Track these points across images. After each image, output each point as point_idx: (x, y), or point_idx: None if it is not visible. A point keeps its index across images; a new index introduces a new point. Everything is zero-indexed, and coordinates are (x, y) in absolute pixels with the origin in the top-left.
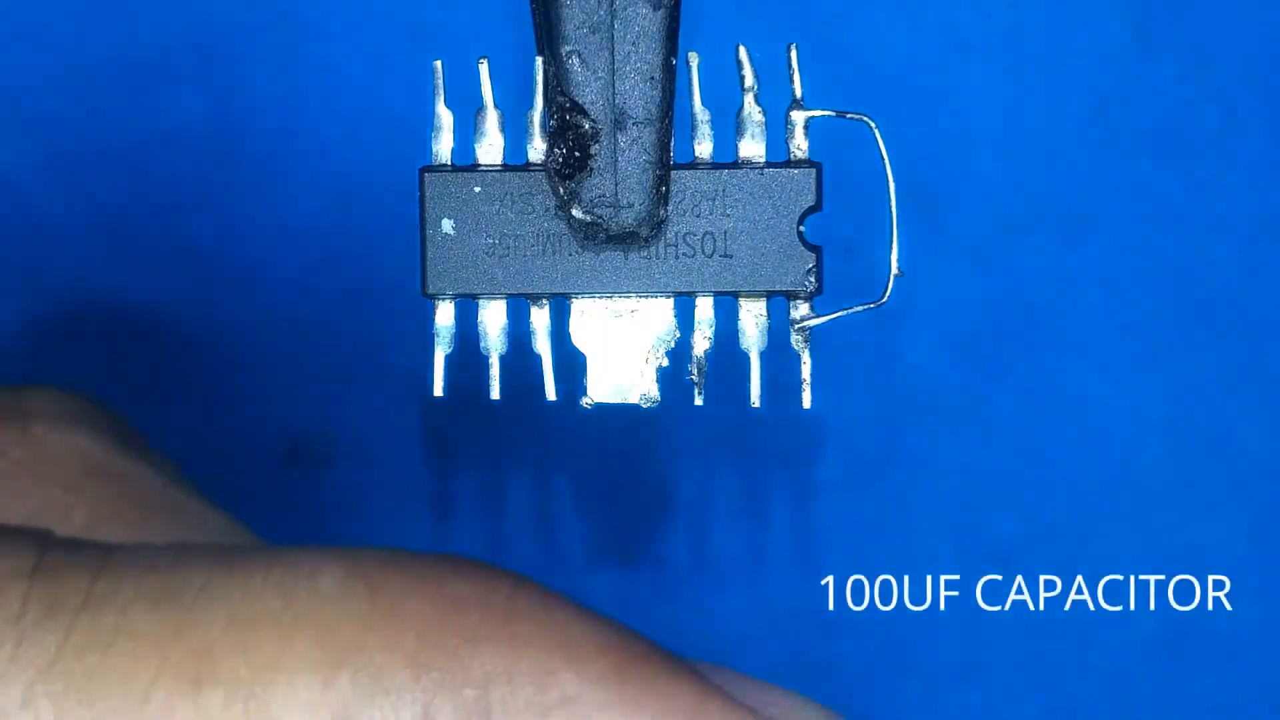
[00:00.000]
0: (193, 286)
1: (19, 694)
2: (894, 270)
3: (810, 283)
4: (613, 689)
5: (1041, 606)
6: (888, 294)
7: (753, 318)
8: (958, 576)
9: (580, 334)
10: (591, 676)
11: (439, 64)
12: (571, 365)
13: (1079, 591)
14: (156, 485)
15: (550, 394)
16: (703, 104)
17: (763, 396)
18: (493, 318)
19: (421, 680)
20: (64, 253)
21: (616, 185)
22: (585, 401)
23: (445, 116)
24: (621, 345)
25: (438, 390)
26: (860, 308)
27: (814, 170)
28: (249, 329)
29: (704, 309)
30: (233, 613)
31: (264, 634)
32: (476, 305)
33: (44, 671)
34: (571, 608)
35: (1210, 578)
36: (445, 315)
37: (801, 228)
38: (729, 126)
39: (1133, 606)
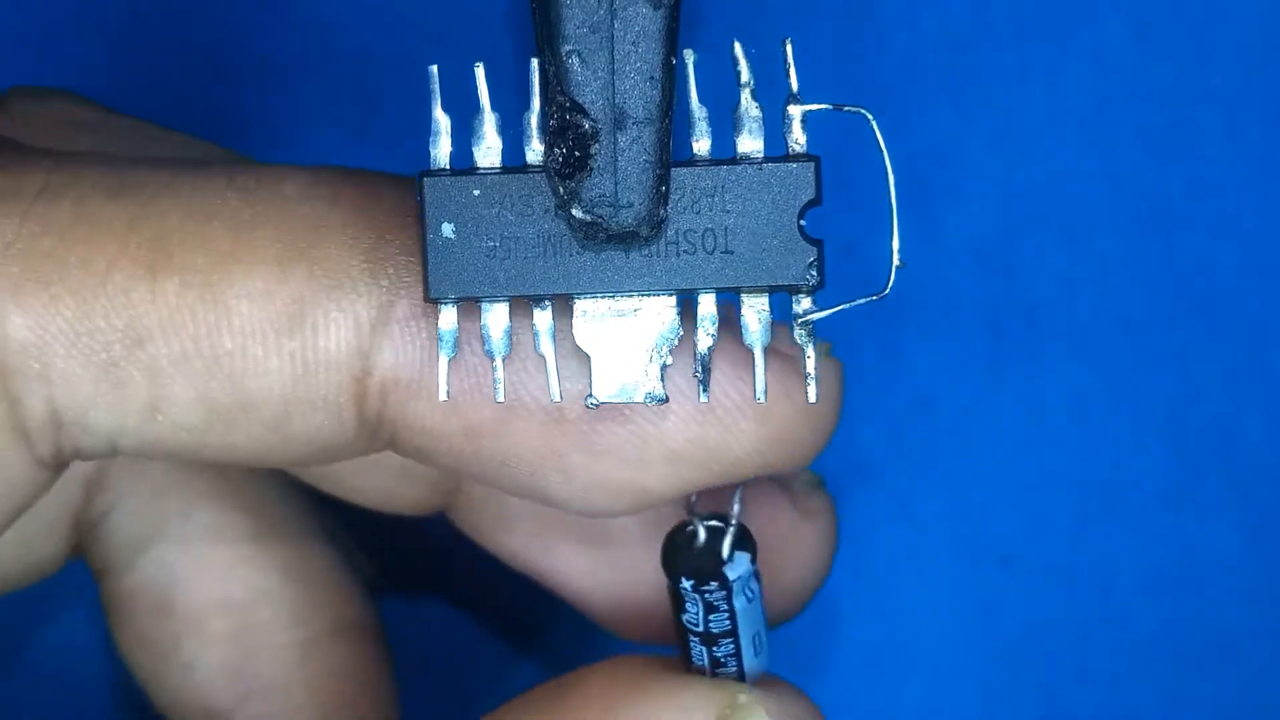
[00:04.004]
0: None
1: None
2: (895, 262)
3: (812, 276)
4: None
5: (1042, 606)
6: (889, 285)
7: (755, 313)
8: (958, 577)
9: (583, 334)
10: None
11: (435, 69)
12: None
13: (1079, 591)
14: (150, 131)
15: (555, 395)
16: (700, 101)
17: (766, 392)
18: (496, 320)
19: (378, 277)
20: None
21: (616, 185)
22: (590, 402)
23: (443, 121)
24: (625, 344)
25: (442, 394)
26: (863, 300)
27: (812, 164)
28: None
29: (706, 306)
30: (191, 208)
31: (222, 228)
32: (479, 308)
33: (0, 254)
34: None
35: (1210, 578)
36: (448, 319)
37: (802, 222)
38: (726, 123)
39: (1133, 607)
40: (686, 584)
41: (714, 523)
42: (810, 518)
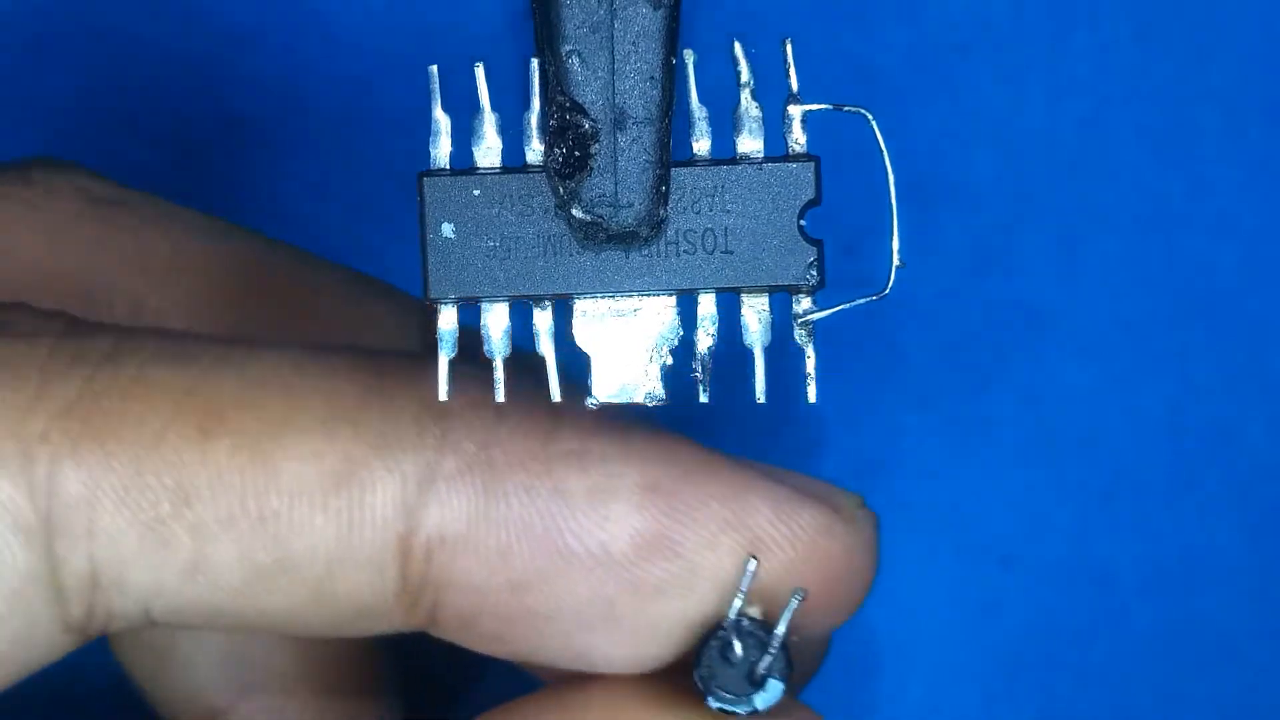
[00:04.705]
0: None
1: (39, 429)
2: (895, 261)
3: (812, 276)
4: (613, 445)
5: (1042, 607)
6: (890, 285)
7: (755, 313)
8: (958, 577)
9: (583, 334)
10: (592, 434)
11: (434, 69)
12: (577, 365)
13: (1080, 592)
14: (163, 208)
15: (555, 395)
16: (700, 101)
17: (767, 392)
18: (496, 321)
19: (425, 437)
20: None
21: (616, 185)
22: (590, 402)
23: (443, 121)
24: (625, 344)
25: (443, 395)
26: (863, 300)
27: (812, 164)
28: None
29: (706, 306)
30: (245, 375)
31: (273, 393)
32: (479, 309)
33: (64, 412)
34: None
35: (1210, 578)
36: (448, 320)
37: (802, 222)
38: (726, 123)
39: (1133, 607)
40: (711, 702)
41: (754, 629)
42: (853, 524)
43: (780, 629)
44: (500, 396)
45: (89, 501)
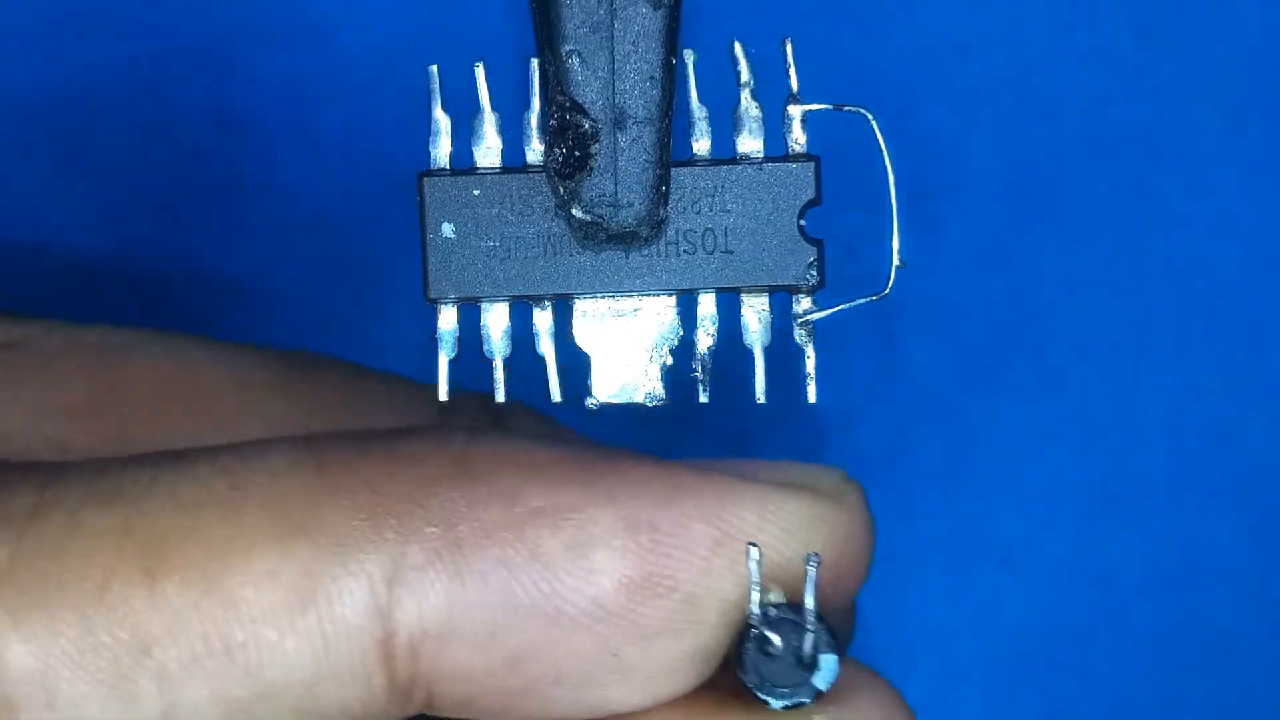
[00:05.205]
0: (192, 292)
1: None
2: (895, 262)
3: (812, 276)
4: (580, 491)
5: (1042, 607)
6: (890, 285)
7: (755, 313)
8: (958, 576)
9: (583, 334)
10: (556, 485)
11: (434, 69)
12: (576, 366)
13: (1080, 592)
14: (69, 336)
15: (555, 395)
16: (700, 101)
17: (767, 392)
18: (496, 321)
19: (382, 531)
20: (61, 257)
21: (616, 185)
22: (590, 402)
23: (443, 121)
24: (625, 345)
25: (442, 394)
26: (863, 300)
27: (812, 163)
28: (250, 337)
29: (706, 306)
30: (179, 501)
31: (212, 516)
32: (479, 309)
33: None
34: (525, 440)
35: (1210, 578)
36: (448, 319)
37: (802, 222)
38: (726, 123)
39: (1133, 607)
40: (774, 703)
41: (784, 614)
42: (839, 500)
43: (809, 602)
44: (500, 397)
45: (43, 672)
